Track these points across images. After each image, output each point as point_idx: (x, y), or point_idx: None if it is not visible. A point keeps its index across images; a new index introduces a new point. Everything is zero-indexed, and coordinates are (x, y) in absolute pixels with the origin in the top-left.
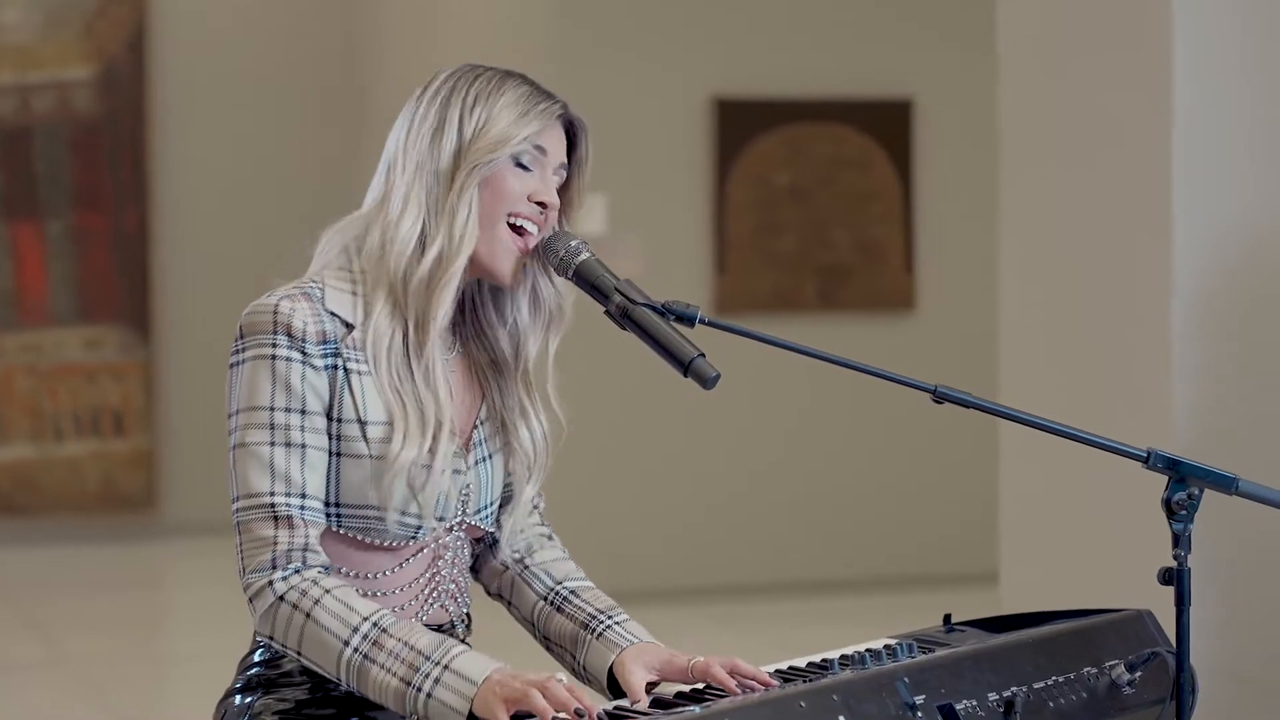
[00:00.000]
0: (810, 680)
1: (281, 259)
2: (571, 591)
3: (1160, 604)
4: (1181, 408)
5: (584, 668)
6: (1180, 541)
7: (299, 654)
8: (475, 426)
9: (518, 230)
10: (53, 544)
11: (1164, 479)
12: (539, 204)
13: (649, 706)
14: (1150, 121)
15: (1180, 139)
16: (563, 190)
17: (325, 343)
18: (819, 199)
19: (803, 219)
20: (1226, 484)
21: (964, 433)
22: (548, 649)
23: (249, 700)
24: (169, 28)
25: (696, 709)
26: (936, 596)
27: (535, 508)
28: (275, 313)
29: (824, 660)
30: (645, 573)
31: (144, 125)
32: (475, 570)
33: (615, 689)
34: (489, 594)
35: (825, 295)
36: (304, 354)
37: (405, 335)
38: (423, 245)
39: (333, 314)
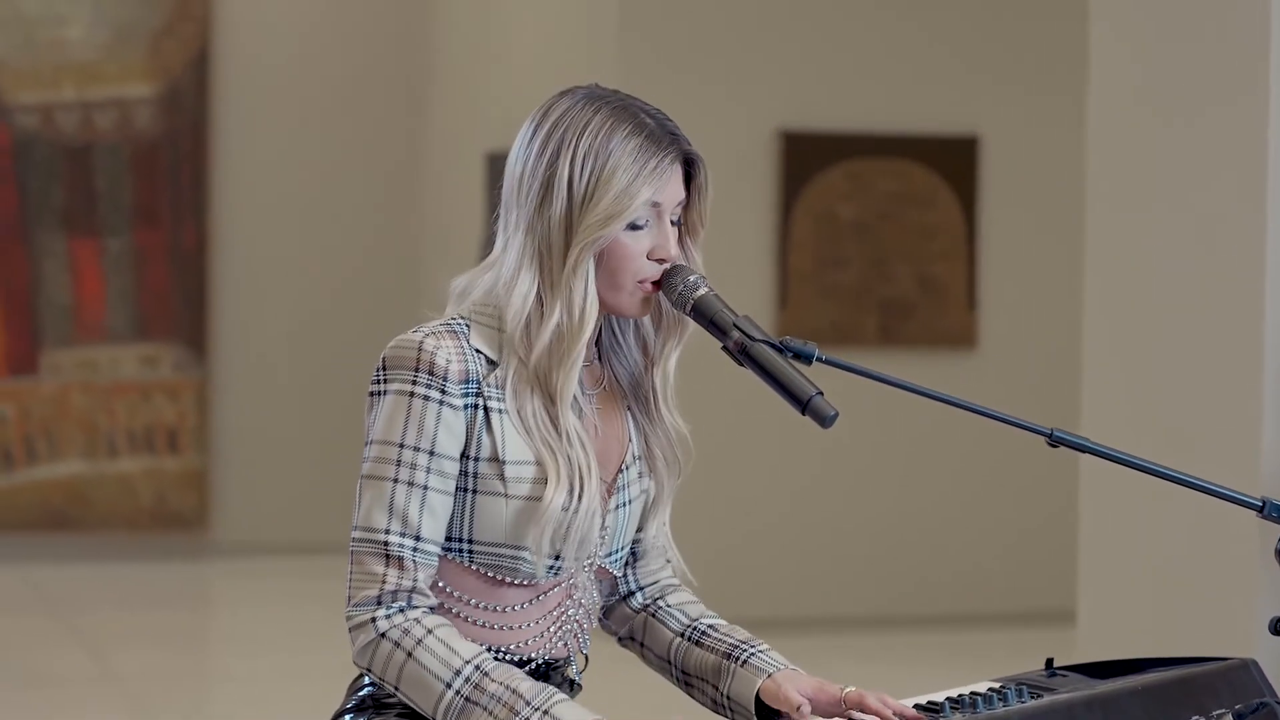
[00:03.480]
0: None
1: (339, 281)
2: (710, 626)
3: (1237, 649)
4: (1272, 452)
5: (728, 697)
6: None
7: (396, 689)
8: (621, 470)
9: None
10: (104, 560)
11: (1255, 528)
12: (659, 260)
13: None
14: (1245, 161)
15: (1275, 177)
16: (683, 216)
17: (468, 381)
18: (882, 233)
19: (865, 253)
20: None
21: (1033, 473)
22: (685, 684)
23: None
24: (232, 47)
25: None
26: (1005, 635)
27: (668, 560)
28: (420, 349)
29: (930, 702)
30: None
31: (204, 144)
32: (605, 615)
33: (763, 716)
34: (619, 641)
35: (886, 330)
36: (443, 392)
37: (541, 391)
38: (540, 310)
39: (478, 351)
